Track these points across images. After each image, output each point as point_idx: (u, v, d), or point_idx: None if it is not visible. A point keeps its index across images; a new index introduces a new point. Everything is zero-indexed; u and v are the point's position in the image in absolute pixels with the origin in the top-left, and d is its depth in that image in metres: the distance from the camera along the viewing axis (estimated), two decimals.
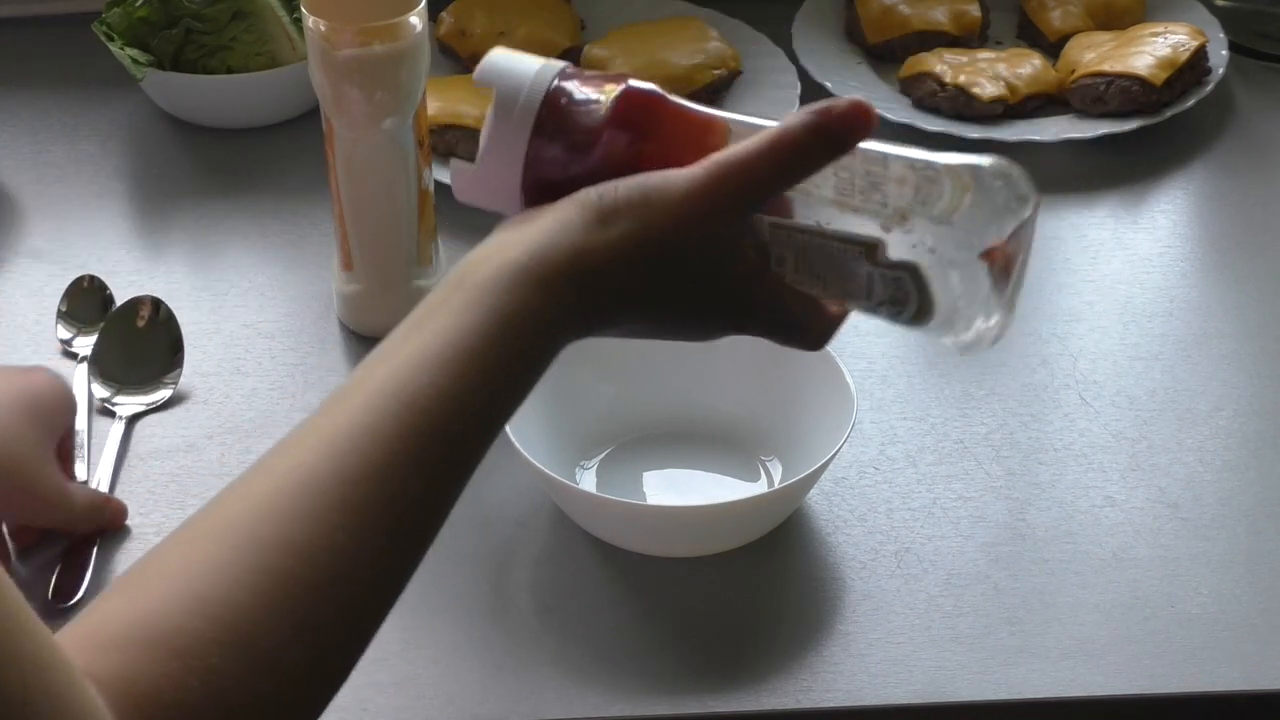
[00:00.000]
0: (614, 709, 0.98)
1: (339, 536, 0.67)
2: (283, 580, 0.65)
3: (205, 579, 0.65)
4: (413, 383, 0.70)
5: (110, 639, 0.63)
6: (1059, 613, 1.02)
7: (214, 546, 0.66)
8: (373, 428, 0.69)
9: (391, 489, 0.69)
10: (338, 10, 1.13)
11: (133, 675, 0.62)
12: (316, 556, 0.66)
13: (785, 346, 0.82)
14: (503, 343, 0.72)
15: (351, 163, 1.17)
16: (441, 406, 0.70)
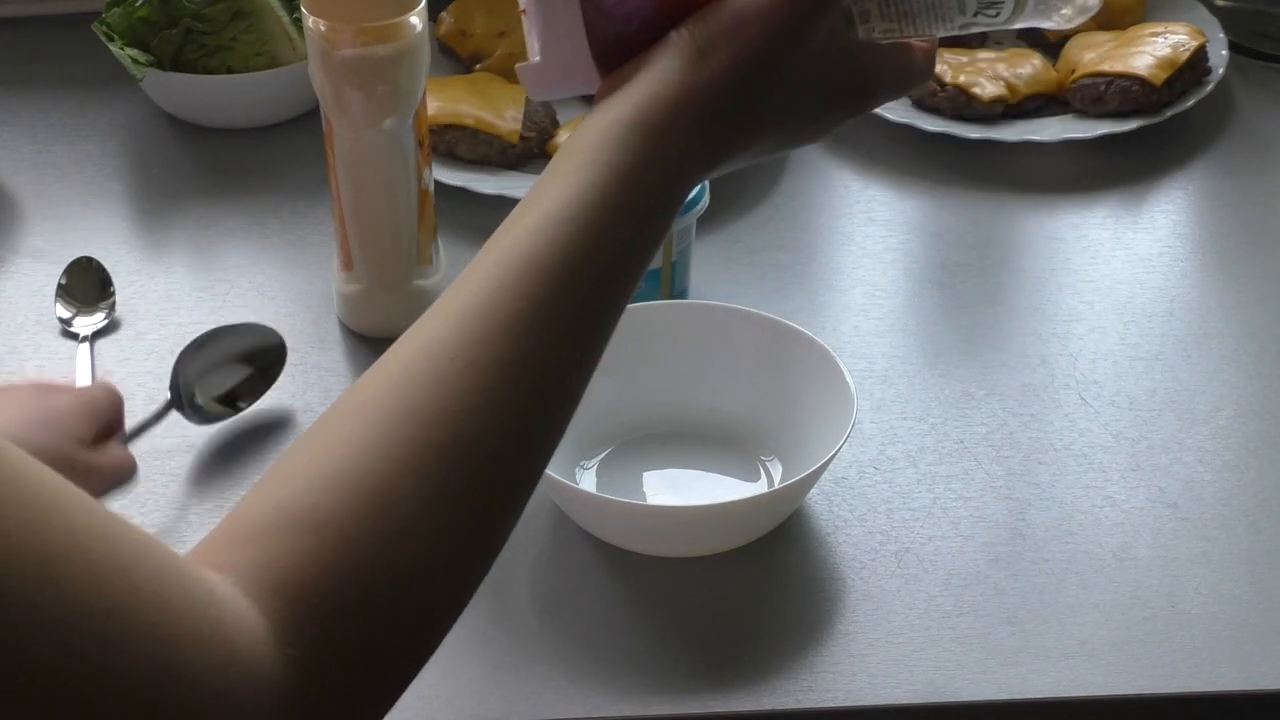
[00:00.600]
0: (614, 709, 0.98)
1: (471, 398, 0.65)
2: (417, 447, 0.63)
3: (337, 456, 0.63)
4: (534, 246, 0.68)
5: (246, 532, 0.61)
6: (1059, 613, 1.02)
7: (346, 426, 0.64)
8: (498, 292, 0.67)
9: (523, 348, 0.66)
10: (338, 10, 1.13)
11: (267, 559, 0.60)
12: (450, 419, 0.64)
13: (892, 97, 0.80)
14: (623, 198, 0.70)
15: (351, 163, 1.17)
16: (567, 266, 0.68)
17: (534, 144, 1.38)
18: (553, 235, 0.69)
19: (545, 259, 0.68)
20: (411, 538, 0.63)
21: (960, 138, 1.40)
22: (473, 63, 1.48)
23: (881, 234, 1.34)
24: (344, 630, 0.60)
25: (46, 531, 0.53)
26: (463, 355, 0.65)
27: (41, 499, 0.54)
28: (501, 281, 0.67)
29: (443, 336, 0.66)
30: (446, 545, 0.64)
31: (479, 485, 0.65)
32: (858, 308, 1.26)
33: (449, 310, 0.67)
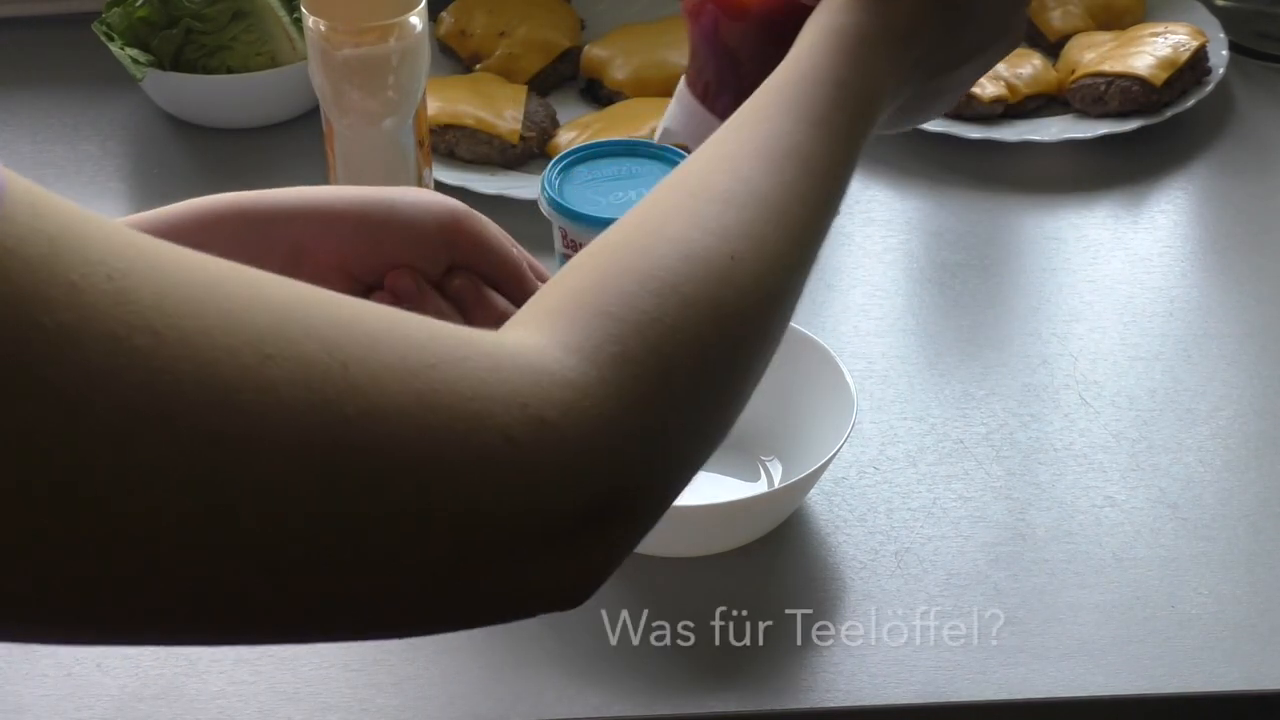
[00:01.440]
0: (614, 709, 0.97)
1: (761, 164, 0.68)
2: (720, 209, 0.65)
3: (640, 236, 0.64)
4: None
5: (550, 308, 0.61)
6: (1059, 613, 1.02)
7: (647, 212, 0.66)
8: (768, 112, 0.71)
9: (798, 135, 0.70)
10: (338, 10, 1.13)
11: (567, 334, 0.60)
12: (754, 182, 0.67)
13: None
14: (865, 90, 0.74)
15: (351, 163, 1.17)
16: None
17: (534, 144, 1.38)
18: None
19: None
20: (714, 310, 0.63)
21: (960, 138, 1.39)
22: (473, 63, 1.48)
23: (881, 234, 1.34)
24: (644, 346, 0.60)
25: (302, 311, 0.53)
26: (751, 144, 0.69)
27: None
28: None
29: (732, 149, 0.69)
30: (755, 298, 0.65)
31: (785, 235, 0.68)
32: (858, 308, 1.26)
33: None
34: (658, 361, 0.60)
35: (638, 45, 1.46)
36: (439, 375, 0.55)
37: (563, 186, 1.20)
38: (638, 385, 0.59)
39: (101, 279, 0.50)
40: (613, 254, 0.64)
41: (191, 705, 0.98)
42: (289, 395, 0.52)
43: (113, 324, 0.49)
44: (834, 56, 0.73)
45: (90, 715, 0.98)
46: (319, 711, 0.98)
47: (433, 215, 0.85)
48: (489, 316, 0.85)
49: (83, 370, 0.49)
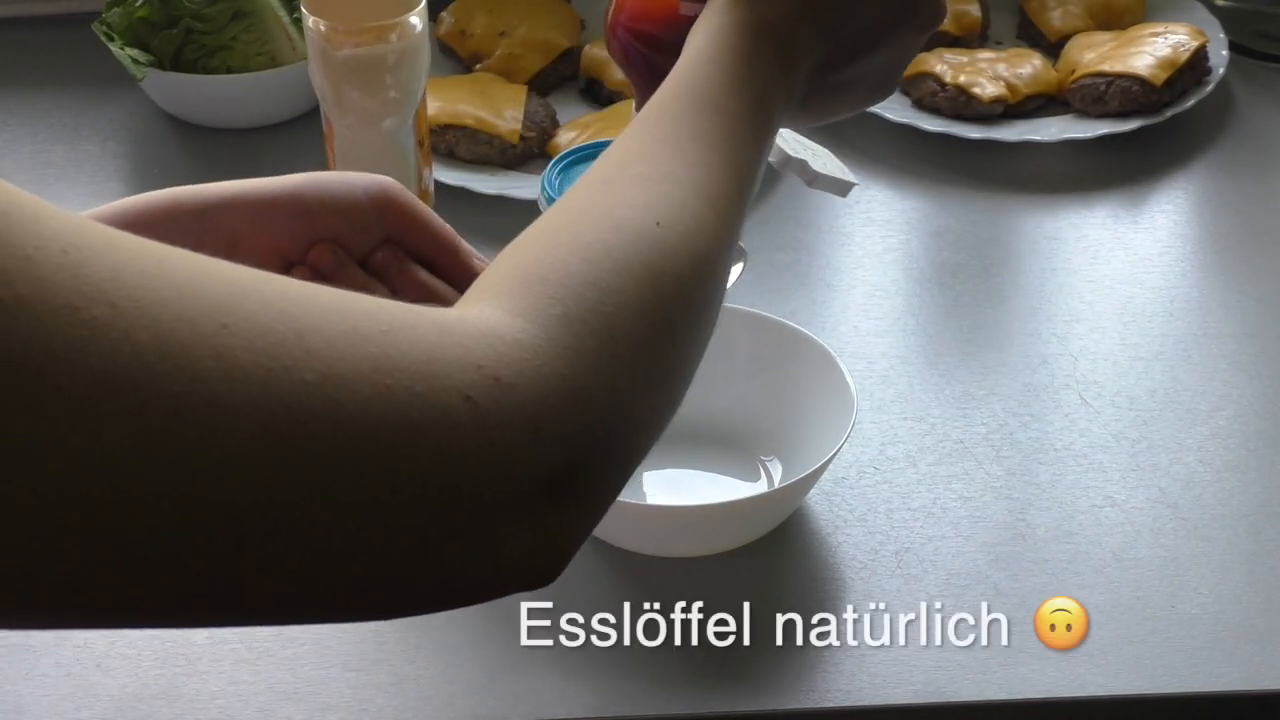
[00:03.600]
0: (614, 709, 0.97)
1: (667, 149, 0.70)
2: (639, 186, 0.67)
3: (568, 219, 0.66)
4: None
5: (489, 286, 0.62)
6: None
7: (570, 201, 0.68)
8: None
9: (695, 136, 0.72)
10: (338, 10, 1.13)
11: (510, 303, 0.61)
12: (655, 159, 0.69)
13: None
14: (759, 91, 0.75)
15: (351, 163, 1.17)
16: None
17: (534, 144, 1.38)
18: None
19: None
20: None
21: (960, 138, 1.40)
22: (473, 63, 1.48)
23: (881, 234, 1.34)
24: (585, 306, 0.61)
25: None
26: (660, 130, 0.71)
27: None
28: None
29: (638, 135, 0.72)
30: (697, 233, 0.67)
31: (701, 200, 0.69)
32: (858, 308, 1.26)
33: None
34: (601, 321, 0.61)
35: None
36: (392, 340, 0.55)
37: (563, 186, 1.20)
38: (583, 343, 0.60)
39: (56, 252, 0.50)
40: (543, 235, 0.65)
41: (191, 705, 0.98)
42: (248, 361, 0.52)
43: (70, 295, 0.49)
44: (719, 52, 0.75)
45: (90, 715, 0.98)
46: (319, 711, 0.98)
47: (363, 189, 0.85)
48: (412, 289, 0.85)
49: (42, 342, 0.49)
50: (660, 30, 0.85)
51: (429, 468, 0.55)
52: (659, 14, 0.85)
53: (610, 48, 0.88)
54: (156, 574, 0.52)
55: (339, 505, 0.53)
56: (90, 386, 0.49)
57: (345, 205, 0.85)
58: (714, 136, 0.72)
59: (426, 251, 0.86)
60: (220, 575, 0.53)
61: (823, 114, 0.84)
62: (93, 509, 0.50)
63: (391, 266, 0.85)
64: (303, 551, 0.54)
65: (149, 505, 0.50)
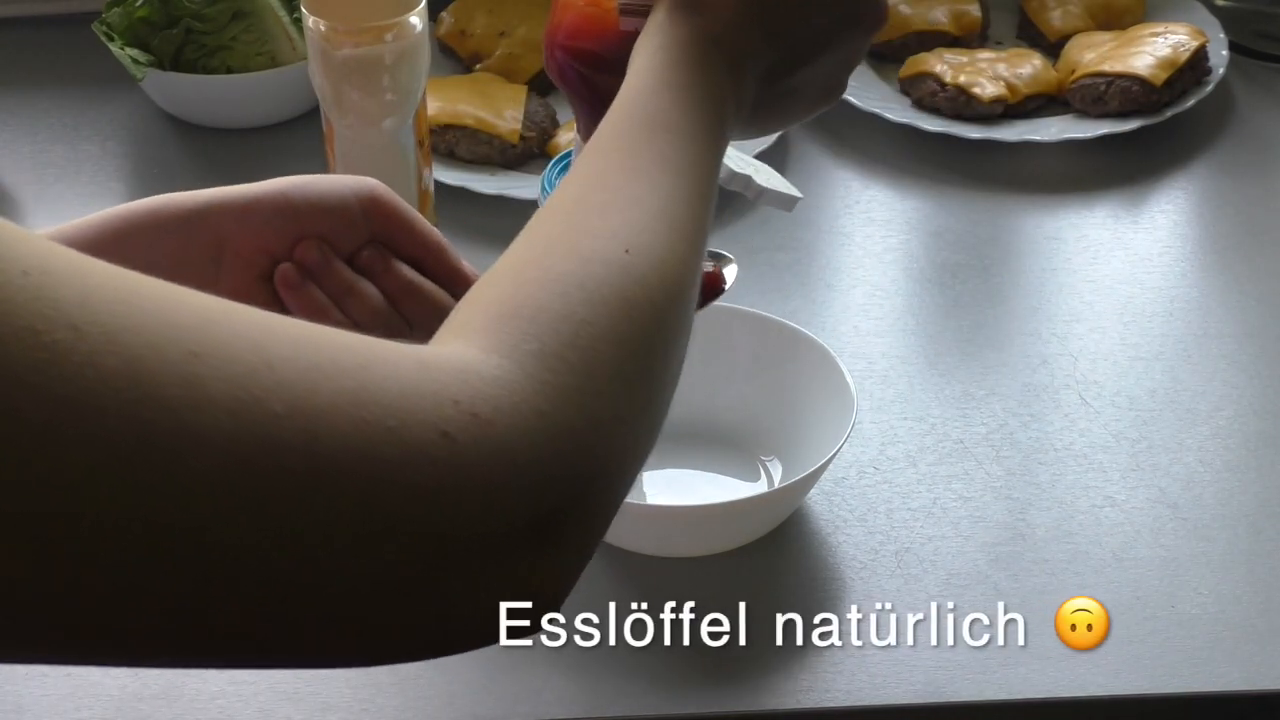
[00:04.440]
0: (614, 709, 0.97)
1: (626, 174, 0.70)
2: (602, 215, 0.67)
3: (535, 253, 0.65)
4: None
5: (463, 323, 0.61)
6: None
7: (533, 235, 0.67)
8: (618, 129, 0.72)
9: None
10: (338, 10, 1.13)
11: (466, 311, 0.61)
12: (611, 183, 0.69)
13: None
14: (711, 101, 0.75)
15: (351, 163, 1.17)
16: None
17: (534, 144, 1.38)
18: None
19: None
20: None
21: (960, 138, 1.40)
22: (473, 63, 1.48)
23: (881, 234, 1.34)
24: (560, 341, 0.60)
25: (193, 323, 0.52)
26: (616, 156, 0.71)
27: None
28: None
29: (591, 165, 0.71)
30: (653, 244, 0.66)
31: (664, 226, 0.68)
32: (858, 308, 1.26)
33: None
34: (577, 355, 0.60)
35: None
36: (368, 374, 0.54)
37: None
38: (560, 378, 0.58)
39: (17, 274, 0.49)
40: (513, 271, 0.64)
41: (191, 705, 0.98)
42: (217, 391, 0.50)
43: (31, 318, 0.48)
44: (666, 70, 0.74)
45: (90, 715, 0.98)
46: (319, 711, 0.98)
47: (350, 189, 0.85)
48: (398, 287, 0.85)
49: (4, 366, 0.48)
50: (599, 47, 0.83)
51: (403, 505, 0.53)
52: (597, 31, 0.84)
53: (548, 67, 0.86)
54: (122, 602, 0.50)
55: (308, 539, 0.52)
56: (53, 411, 0.48)
57: (332, 204, 0.84)
58: (671, 158, 0.71)
59: (412, 252, 0.86)
60: (188, 606, 0.51)
61: (773, 121, 0.83)
62: (55, 533, 0.48)
63: (377, 265, 0.85)
64: (272, 585, 0.52)
65: (114, 531, 0.49)
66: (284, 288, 0.83)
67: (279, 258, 0.84)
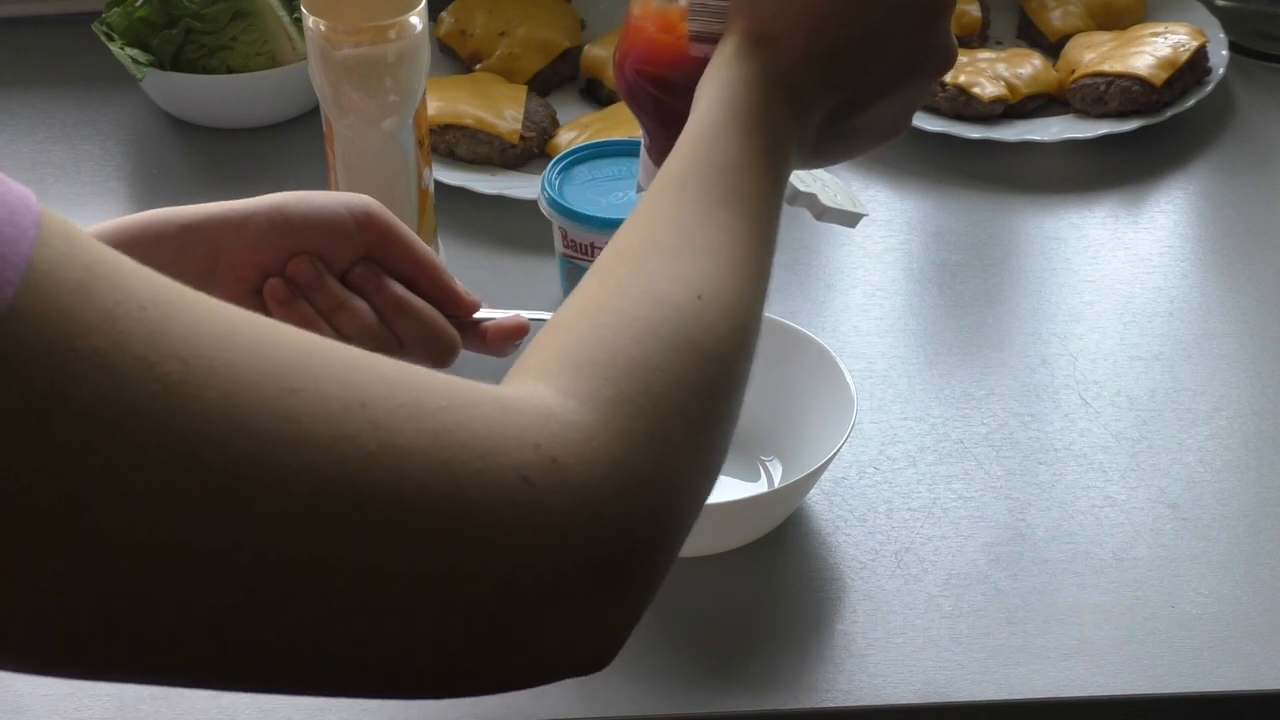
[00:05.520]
0: (614, 709, 0.97)
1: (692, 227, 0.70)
2: (674, 259, 0.68)
3: (608, 296, 0.66)
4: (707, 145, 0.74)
5: (539, 366, 0.63)
6: (1059, 613, 1.02)
7: (604, 276, 0.68)
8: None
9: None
10: (338, 10, 1.13)
11: (540, 355, 0.63)
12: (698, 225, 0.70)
13: None
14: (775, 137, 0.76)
15: (351, 163, 1.18)
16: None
17: (534, 144, 1.38)
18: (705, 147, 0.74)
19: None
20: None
21: (960, 138, 1.40)
22: (473, 63, 1.48)
23: (881, 234, 1.34)
24: (636, 387, 0.61)
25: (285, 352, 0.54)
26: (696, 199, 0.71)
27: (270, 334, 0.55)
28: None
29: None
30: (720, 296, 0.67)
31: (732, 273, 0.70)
32: (858, 308, 1.26)
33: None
34: (651, 402, 0.61)
35: None
36: (452, 416, 0.55)
37: (563, 186, 1.20)
38: (636, 425, 0.60)
39: (134, 307, 0.51)
40: (587, 315, 0.65)
41: (192, 705, 0.98)
42: (311, 428, 0.52)
43: (145, 350, 0.50)
44: (733, 108, 0.75)
45: (90, 715, 0.98)
46: (319, 711, 0.98)
47: (345, 206, 0.86)
48: (390, 305, 0.86)
49: (116, 395, 0.50)
50: (669, 72, 0.85)
51: (483, 544, 0.55)
52: (668, 56, 0.85)
53: (619, 87, 0.88)
54: (211, 626, 0.52)
55: (390, 574, 0.54)
56: (161, 438, 0.50)
57: (327, 221, 0.85)
58: (738, 200, 0.72)
59: (405, 269, 0.87)
60: (268, 631, 0.53)
61: (833, 158, 0.84)
62: (147, 556, 0.50)
63: (369, 282, 0.86)
64: (353, 618, 0.54)
65: (210, 557, 0.51)
66: (273, 302, 0.85)
67: (272, 272, 0.85)
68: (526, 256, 1.28)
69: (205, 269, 0.85)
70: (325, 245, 0.85)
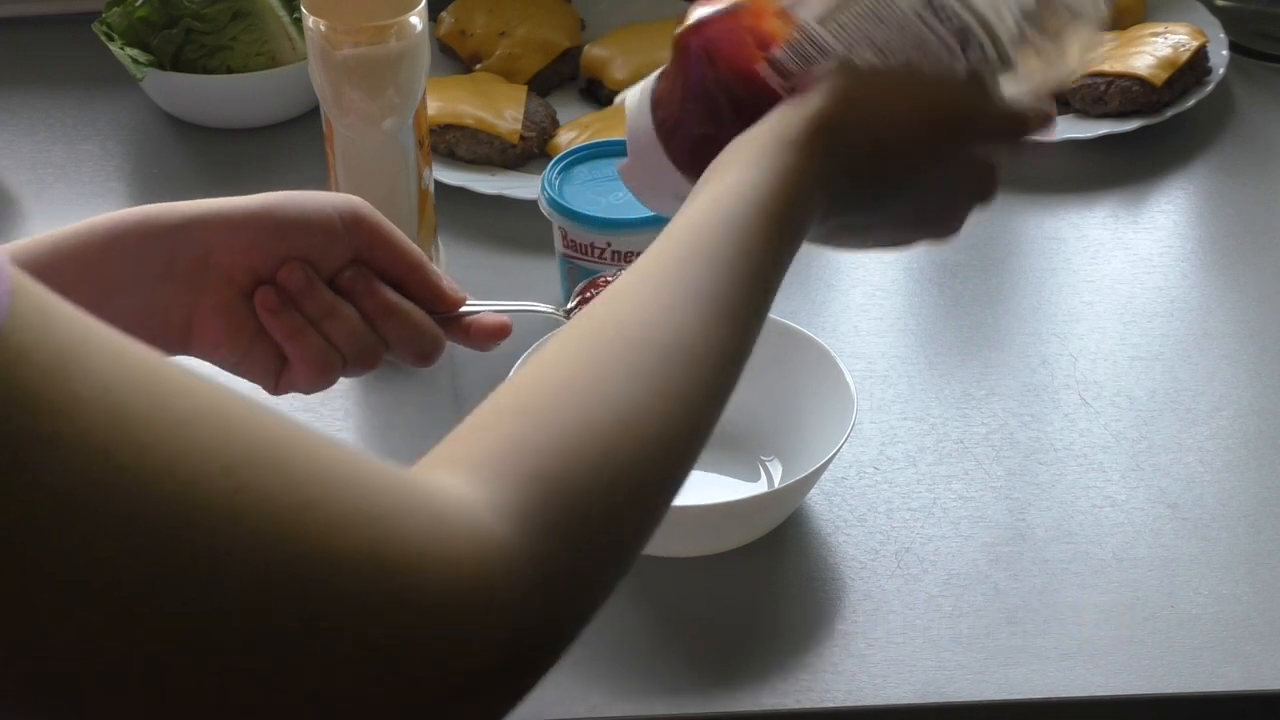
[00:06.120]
0: (614, 709, 0.98)
1: (668, 315, 0.71)
2: (623, 345, 0.68)
3: (556, 390, 0.67)
4: (707, 229, 0.74)
5: (477, 462, 0.64)
6: (1059, 613, 1.02)
7: (559, 360, 0.69)
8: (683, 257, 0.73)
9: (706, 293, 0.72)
10: (338, 10, 1.13)
11: (477, 442, 0.64)
12: (652, 327, 0.70)
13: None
14: (770, 200, 0.76)
15: (351, 163, 1.18)
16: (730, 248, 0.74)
17: (534, 144, 1.38)
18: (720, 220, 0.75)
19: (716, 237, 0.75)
20: (621, 419, 0.66)
21: None
22: (473, 63, 1.48)
23: None
24: (561, 503, 0.63)
25: (230, 441, 0.55)
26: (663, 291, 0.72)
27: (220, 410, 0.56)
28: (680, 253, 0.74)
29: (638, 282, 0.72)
30: (657, 429, 0.67)
31: (685, 380, 0.70)
32: (858, 308, 1.26)
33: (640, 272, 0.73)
34: (581, 529, 0.63)
35: (638, 45, 1.46)
36: (387, 527, 0.57)
37: (563, 186, 1.20)
38: (558, 549, 0.62)
39: (100, 391, 0.52)
40: (531, 412, 0.66)
41: None
42: (254, 525, 0.54)
43: (105, 438, 0.51)
44: (764, 196, 0.76)
45: None
46: None
47: (334, 208, 0.87)
48: (379, 309, 0.87)
49: (68, 481, 0.51)
50: (734, 79, 0.83)
51: (398, 651, 0.57)
52: (741, 61, 0.83)
53: (678, 38, 0.85)
54: (139, 707, 0.54)
55: (306, 672, 0.56)
56: (106, 526, 0.51)
57: (317, 222, 0.87)
58: (722, 307, 0.73)
59: (394, 270, 0.88)
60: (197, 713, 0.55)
61: (840, 248, 0.88)
62: (87, 640, 0.52)
63: (358, 285, 0.87)
64: (271, 710, 0.56)
65: (141, 644, 0.52)
66: (264, 312, 0.86)
67: (262, 275, 0.86)
68: (526, 256, 1.28)
69: (196, 269, 0.85)
70: (316, 249, 0.87)
